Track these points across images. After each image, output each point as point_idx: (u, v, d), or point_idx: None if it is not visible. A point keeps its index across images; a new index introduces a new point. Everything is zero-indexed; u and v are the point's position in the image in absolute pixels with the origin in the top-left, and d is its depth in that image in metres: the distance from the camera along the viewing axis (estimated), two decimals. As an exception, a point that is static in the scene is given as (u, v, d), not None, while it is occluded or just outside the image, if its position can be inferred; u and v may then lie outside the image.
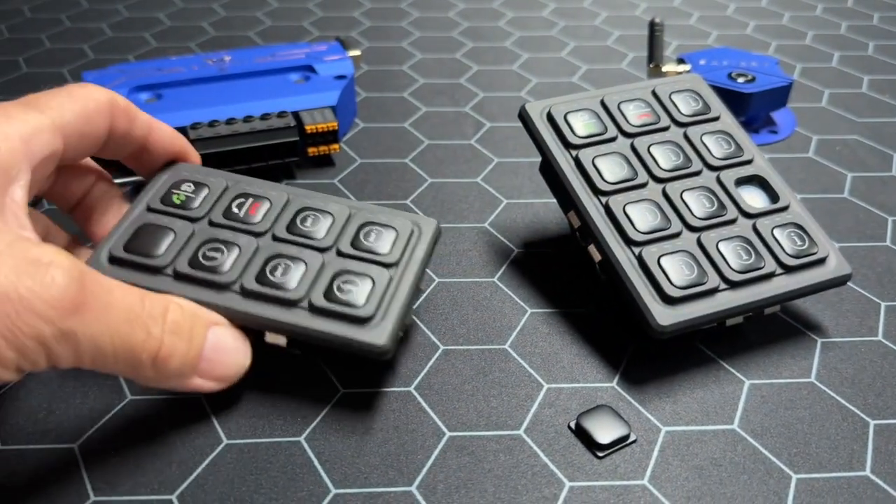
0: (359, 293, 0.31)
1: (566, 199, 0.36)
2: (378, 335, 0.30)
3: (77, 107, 0.30)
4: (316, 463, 0.30)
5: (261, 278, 0.31)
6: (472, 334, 0.36)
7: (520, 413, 0.32)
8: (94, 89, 0.31)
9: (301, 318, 0.31)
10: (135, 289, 0.28)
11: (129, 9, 0.73)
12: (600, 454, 0.30)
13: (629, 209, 0.35)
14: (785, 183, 0.37)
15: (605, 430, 0.31)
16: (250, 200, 0.34)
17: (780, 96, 0.51)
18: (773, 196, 0.36)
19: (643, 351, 0.35)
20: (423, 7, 0.74)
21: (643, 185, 0.36)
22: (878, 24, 0.72)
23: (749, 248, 0.34)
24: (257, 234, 0.33)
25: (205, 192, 0.34)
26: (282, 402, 0.32)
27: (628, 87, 0.39)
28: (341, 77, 0.51)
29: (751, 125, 0.53)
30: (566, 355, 0.35)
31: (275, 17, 0.72)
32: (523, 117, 0.38)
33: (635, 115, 0.38)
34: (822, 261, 0.35)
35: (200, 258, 0.32)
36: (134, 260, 0.31)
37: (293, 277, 0.31)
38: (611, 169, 0.36)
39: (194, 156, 0.37)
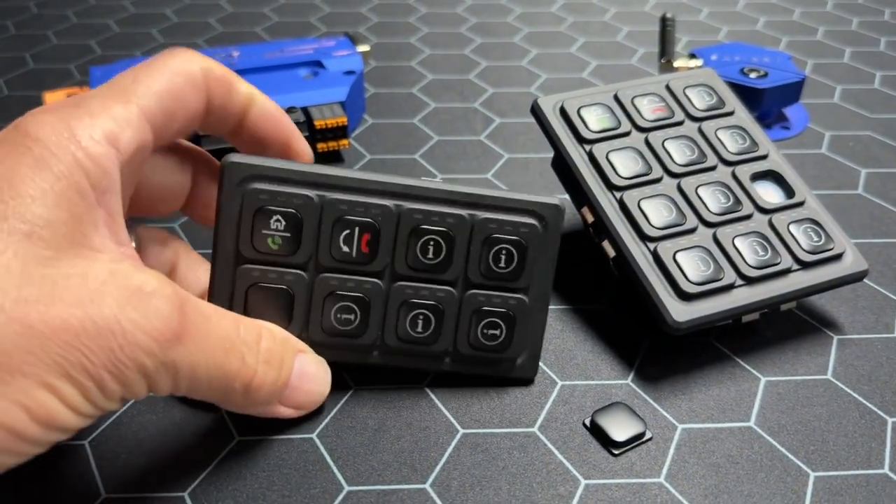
0: (503, 335, 0.32)
1: (580, 194, 0.36)
2: (526, 370, 0.33)
3: (163, 85, 0.27)
4: (329, 460, 0.30)
5: (402, 335, 0.31)
6: (485, 331, 0.36)
7: (534, 410, 0.32)
8: (184, 58, 0.28)
9: (447, 367, 0.32)
10: (230, 314, 0.27)
11: (136, 5, 0.73)
12: (616, 452, 0.30)
13: (644, 204, 0.34)
14: (800, 178, 0.37)
15: (620, 428, 0.31)
16: (357, 230, 0.30)
17: (793, 92, 0.51)
18: (788, 191, 0.36)
19: (658, 348, 0.35)
20: (431, 3, 0.74)
21: (658, 181, 0.35)
22: (889, 19, 0.71)
23: (765, 243, 0.34)
24: (379, 275, 0.30)
25: (299, 223, 0.30)
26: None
27: (642, 82, 0.39)
28: (350, 73, 0.51)
29: (763, 121, 0.53)
30: (580, 352, 0.35)
31: (282, 12, 0.72)
32: (536, 112, 0.37)
33: (649, 109, 0.38)
34: (838, 257, 0.35)
35: (334, 322, 0.30)
36: None
37: (436, 332, 0.31)
38: (625, 164, 0.35)
39: (299, 147, 0.32)
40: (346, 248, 0.30)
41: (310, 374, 0.30)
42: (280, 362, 0.28)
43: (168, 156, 0.31)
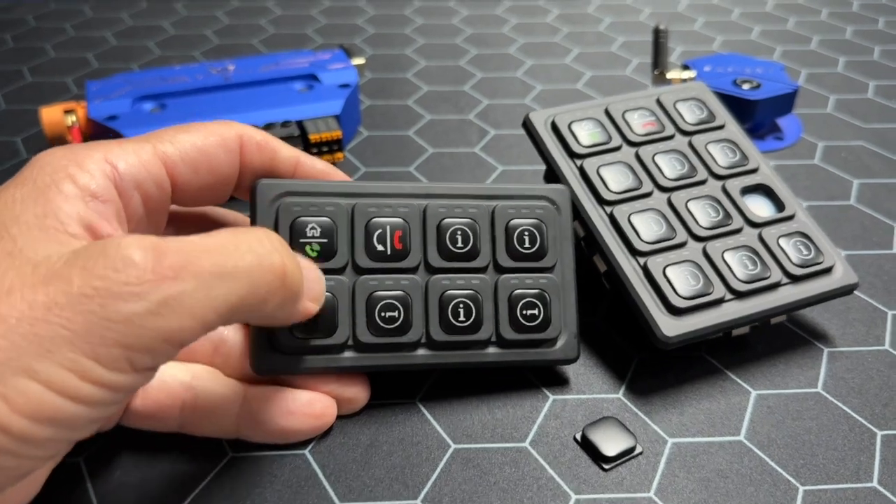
0: (541, 314, 0.32)
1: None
2: (567, 350, 0.33)
3: (193, 138, 0.29)
4: (321, 476, 0.30)
5: (447, 327, 0.31)
6: (477, 345, 0.36)
7: (525, 425, 0.32)
8: (222, 123, 0.30)
9: (492, 356, 0.32)
10: (222, 231, 0.25)
11: (133, 18, 0.73)
12: (606, 466, 0.30)
13: (634, 219, 0.34)
14: (790, 191, 0.37)
15: (611, 442, 0.31)
16: (388, 228, 0.31)
17: (785, 103, 0.51)
18: (778, 205, 0.36)
19: (649, 362, 0.35)
20: (426, 14, 0.74)
21: (648, 195, 0.36)
22: (883, 28, 0.71)
23: (755, 257, 0.34)
24: (414, 270, 0.32)
25: (333, 229, 0.31)
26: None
27: (633, 96, 0.39)
28: (345, 86, 0.51)
29: (756, 132, 0.53)
30: (571, 366, 0.35)
31: (279, 25, 0.72)
32: (527, 127, 0.38)
33: (640, 123, 0.38)
34: (828, 270, 0.35)
35: (379, 321, 0.31)
36: (312, 345, 0.30)
37: (478, 319, 0.32)
38: (615, 178, 0.36)
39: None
40: (380, 247, 0.31)
41: (305, 264, 0.28)
42: (285, 245, 0.26)
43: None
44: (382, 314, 0.31)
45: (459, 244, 0.32)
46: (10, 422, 0.20)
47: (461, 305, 0.31)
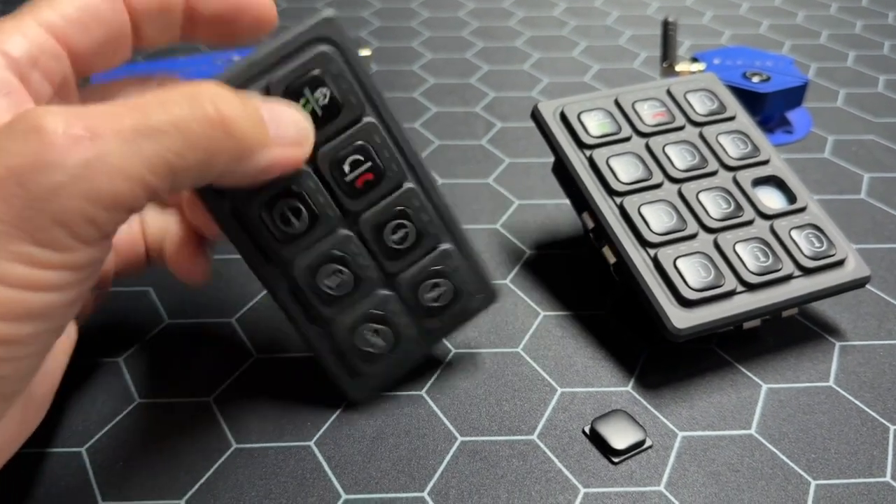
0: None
1: (580, 199, 0.36)
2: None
3: (71, 1, 0.26)
4: (326, 468, 0.29)
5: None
6: (484, 337, 0.35)
7: (533, 418, 0.32)
8: None
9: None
10: (155, 91, 0.23)
11: (139, 9, 0.73)
12: (616, 460, 0.30)
13: (644, 210, 0.34)
14: (802, 184, 0.36)
15: (620, 436, 0.30)
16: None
17: (795, 96, 0.51)
18: (790, 197, 0.36)
19: (658, 354, 0.35)
20: (433, 7, 0.74)
21: (658, 186, 0.35)
22: (893, 22, 0.71)
23: (766, 249, 0.34)
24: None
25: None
26: (291, 406, 0.32)
27: (643, 87, 0.39)
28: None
29: (766, 125, 0.52)
30: (580, 359, 0.34)
31: (283, 16, 0.71)
32: (536, 117, 0.37)
33: (650, 114, 0.37)
34: (840, 263, 0.34)
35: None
36: None
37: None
38: (625, 169, 0.35)
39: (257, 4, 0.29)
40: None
41: (276, 107, 0.26)
42: (232, 95, 0.24)
43: None
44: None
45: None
46: None
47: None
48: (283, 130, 0.26)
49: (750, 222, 0.35)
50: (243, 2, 0.29)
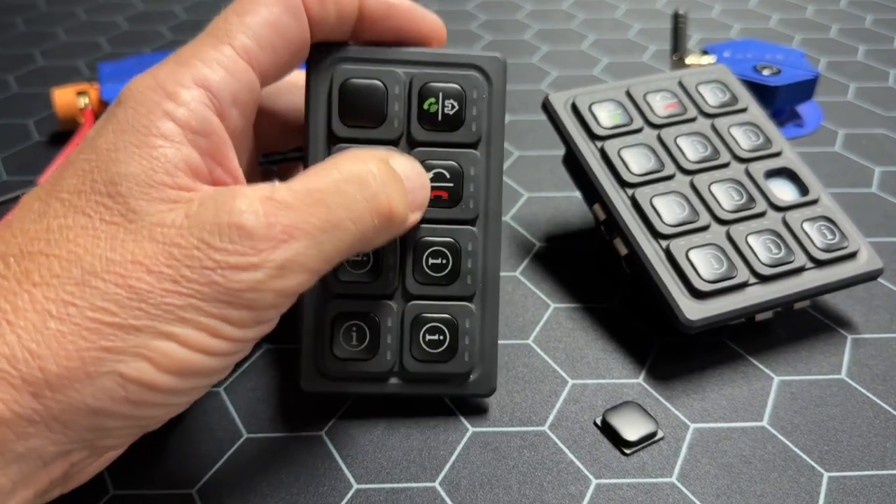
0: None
1: (591, 191, 0.35)
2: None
3: (261, 16, 0.26)
4: (337, 457, 0.29)
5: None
6: (495, 328, 0.35)
7: (544, 409, 0.32)
8: None
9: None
10: (311, 174, 0.24)
11: (145, 2, 0.73)
12: (627, 451, 0.30)
13: (656, 202, 0.34)
14: (814, 176, 0.36)
15: (632, 427, 0.30)
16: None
17: (806, 89, 0.50)
18: (802, 189, 0.36)
19: (669, 346, 0.34)
20: (441, 0, 0.74)
21: (670, 177, 0.35)
22: (903, 17, 0.71)
23: (779, 241, 0.33)
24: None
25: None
26: (302, 395, 0.32)
27: (654, 78, 0.38)
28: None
29: (776, 118, 0.52)
30: (591, 350, 0.34)
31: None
32: (547, 108, 0.37)
33: (662, 105, 0.37)
34: (853, 255, 0.34)
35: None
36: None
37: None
38: (637, 160, 0.35)
39: (425, 22, 0.30)
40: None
41: (411, 170, 0.27)
42: (394, 176, 0.25)
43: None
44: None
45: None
46: (156, 379, 0.21)
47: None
48: (414, 196, 0.27)
49: (762, 214, 0.34)
50: (416, 20, 0.29)
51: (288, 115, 0.32)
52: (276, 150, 0.33)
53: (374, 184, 0.25)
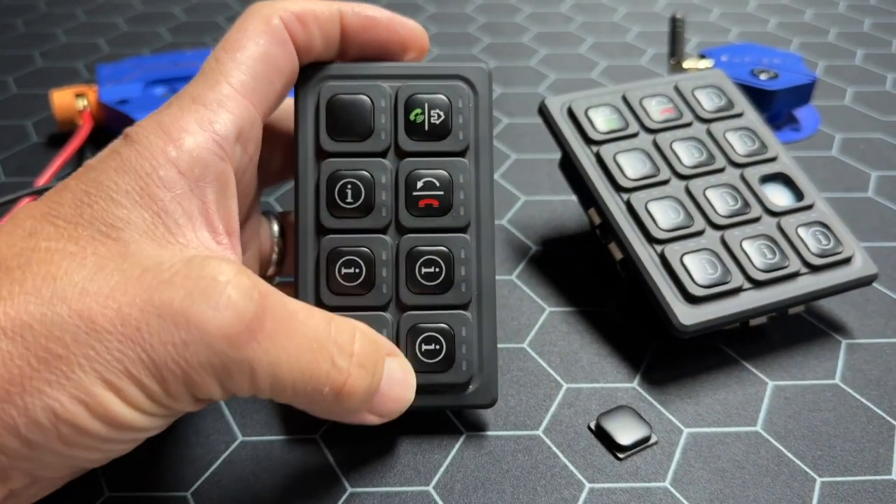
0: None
1: (587, 195, 0.35)
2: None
3: (250, 54, 0.26)
4: (332, 461, 0.29)
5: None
6: (490, 332, 0.35)
7: (538, 413, 0.32)
8: (261, 17, 0.27)
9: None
10: (319, 311, 0.25)
11: (145, 3, 0.73)
12: (621, 455, 0.30)
13: (651, 206, 0.34)
14: (809, 181, 0.36)
15: (625, 431, 0.30)
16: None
17: (803, 93, 0.50)
18: (797, 194, 0.36)
19: (664, 351, 0.35)
20: (440, 2, 0.74)
21: (666, 182, 0.35)
22: (901, 21, 0.71)
23: (773, 246, 0.34)
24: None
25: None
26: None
27: (650, 83, 0.39)
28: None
29: (773, 123, 0.52)
30: (586, 355, 0.34)
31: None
32: (543, 112, 0.37)
33: (657, 110, 0.37)
34: (847, 260, 0.34)
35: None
36: None
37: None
38: (633, 165, 0.35)
39: (405, 29, 0.30)
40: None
41: (398, 379, 0.27)
42: (374, 366, 0.25)
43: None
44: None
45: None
46: (89, 425, 0.21)
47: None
48: (385, 402, 0.27)
49: (757, 219, 0.35)
50: (397, 29, 0.30)
51: (288, 143, 0.32)
52: (277, 181, 0.33)
53: (353, 358, 0.25)
